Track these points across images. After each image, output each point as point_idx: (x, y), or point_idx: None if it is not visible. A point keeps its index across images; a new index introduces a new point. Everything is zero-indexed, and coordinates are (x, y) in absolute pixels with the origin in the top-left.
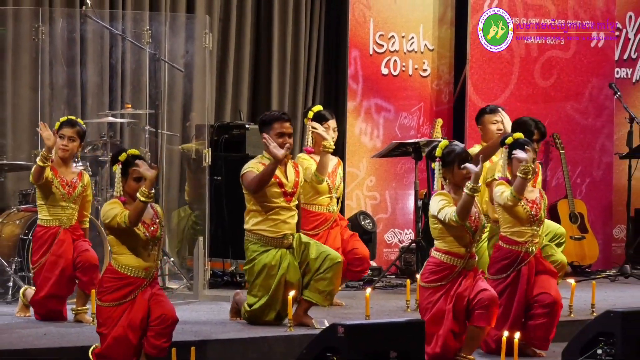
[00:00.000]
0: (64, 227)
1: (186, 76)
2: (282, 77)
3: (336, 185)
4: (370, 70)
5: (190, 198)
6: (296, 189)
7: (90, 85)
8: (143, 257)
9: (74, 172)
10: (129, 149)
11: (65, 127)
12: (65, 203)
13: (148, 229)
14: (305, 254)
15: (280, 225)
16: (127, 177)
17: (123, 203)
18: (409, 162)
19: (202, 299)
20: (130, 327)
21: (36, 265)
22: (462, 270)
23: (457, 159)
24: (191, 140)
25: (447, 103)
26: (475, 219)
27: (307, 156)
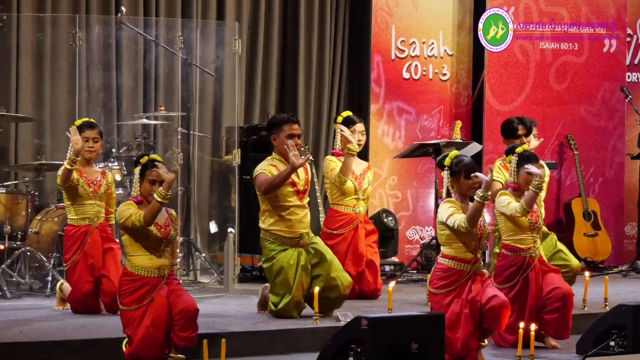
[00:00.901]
0: (94, 225)
1: (216, 80)
2: (307, 81)
3: (363, 187)
4: (392, 75)
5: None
6: (308, 186)
7: (125, 88)
8: (155, 257)
9: (97, 171)
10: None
11: (87, 130)
12: (92, 201)
13: (160, 230)
14: (319, 267)
15: (296, 225)
16: (143, 179)
17: (138, 203)
18: (429, 162)
19: (232, 292)
20: (153, 326)
21: (68, 263)
22: (470, 275)
23: (464, 170)
24: (221, 143)
25: (465, 106)
26: (480, 227)
27: (334, 158)
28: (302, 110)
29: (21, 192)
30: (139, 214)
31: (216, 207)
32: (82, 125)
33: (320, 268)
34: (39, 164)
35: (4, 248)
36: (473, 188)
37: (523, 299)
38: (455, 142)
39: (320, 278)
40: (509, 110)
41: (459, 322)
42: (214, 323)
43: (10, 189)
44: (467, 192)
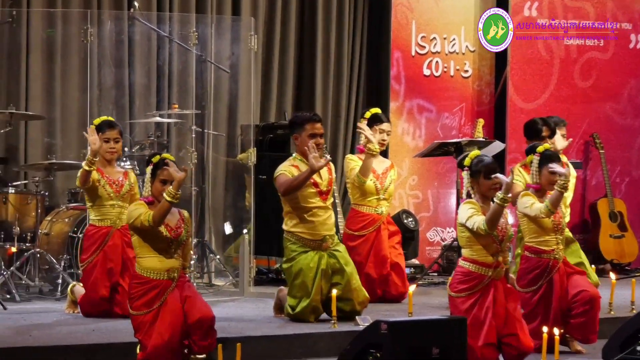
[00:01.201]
0: (116, 227)
1: (232, 77)
2: (325, 78)
3: (385, 186)
4: (412, 71)
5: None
6: (331, 186)
7: (137, 86)
8: (165, 259)
9: (120, 171)
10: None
11: (109, 130)
12: (113, 202)
13: (170, 231)
14: (338, 275)
15: (319, 227)
16: (155, 179)
17: (149, 203)
18: (450, 161)
19: (248, 295)
20: (167, 333)
21: (85, 264)
22: (492, 281)
23: (484, 170)
24: (237, 142)
25: (488, 103)
26: (502, 229)
27: (355, 157)
28: (320, 108)
29: (31, 192)
30: (148, 213)
31: (231, 208)
32: (101, 124)
33: (340, 277)
34: (49, 164)
35: (13, 250)
36: (493, 189)
37: (547, 303)
38: (477, 140)
39: (338, 287)
40: (532, 108)
41: (481, 330)
42: (228, 327)
43: (20, 189)
44: (487, 192)
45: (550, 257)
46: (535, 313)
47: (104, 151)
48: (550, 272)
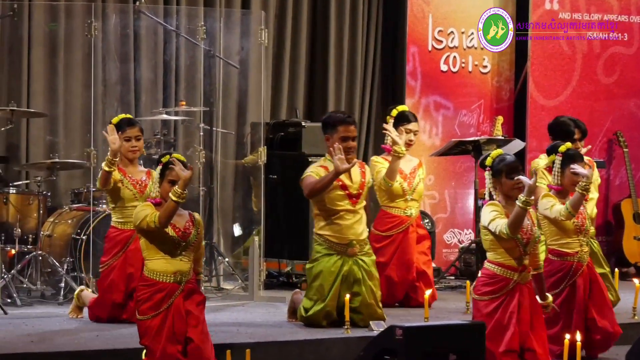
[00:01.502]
0: None
1: (241, 73)
2: (338, 74)
3: (413, 187)
4: (429, 67)
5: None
6: (362, 190)
7: (143, 82)
8: (173, 261)
9: (142, 170)
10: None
11: (129, 128)
12: (137, 203)
13: (178, 232)
14: (359, 285)
15: (345, 231)
16: (163, 179)
17: (156, 205)
18: (468, 160)
19: (258, 300)
20: (172, 342)
21: (104, 266)
22: (517, 285)
23: (505, 169)
24: (246, 140)
25: (507, 100)
26: (527, 231)
27: (380, 159)
28: (332, 105)
29: (33, 192)
30: (154, 214)
31: (240, 209)
32: (121, 123)
33: (359, 288)
34: (52, 163)
35: (14, 252)
36: (516, 188)
37: (570, 307)
38: (496, 139)
39: (357, 298)
40: (553, 105)
41: (504, 335)
42: (237, 332)
43: (21, 189)
44: (509, 192)
45: (573, 260)
46: (557, 317)
47: (126, 150)
48: (574, 275)
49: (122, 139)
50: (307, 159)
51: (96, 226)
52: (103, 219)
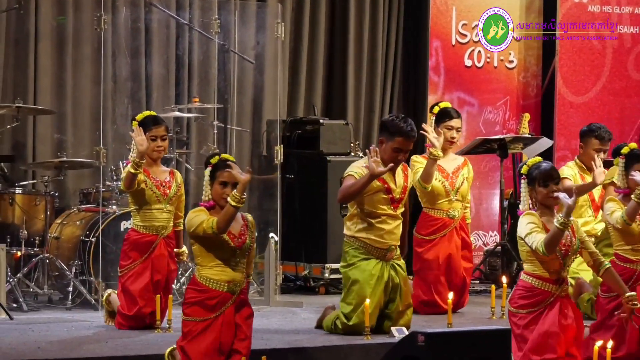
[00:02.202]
0: (161, 236)
1: (257, 68)
2: (358, 69)
3: (456, 187)
4: (452, 62)
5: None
6: (404, 194)
7: (155, 77)
8: (228, 269)
9: (165, 170)
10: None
11: (155, 127)
12: (161, 205)
13: (234, 239)
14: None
15: (387, 236)
16: (214, 181)
17: (209, 209)
18: (493, 159)
19: (274, 305)
20: (219, 351)
21: (125, 270)
22: (557, 298)
23: (540, 176)
24: (262, 138)
25: (534, 97)
26: (566, 243)
27: (421, 158)
28: (352, 101)
29: (40, 192)
30: (211, 220)
31: (256, 210)
32: (146, 121)
33: (395, 293)
34: (60, 162)
35: (20, 255)
36: (551, 197)
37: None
38: (522, 137)
39: (392, 304)
40: (582, 101)
41: (548, 346)
42: (253, 339)
43: (28, 189)
44: (544, 201)
45: (636, 268)
46: (609, 325)
47: (151, 150)
48: (635, 282)
49: (148, 138)
50: (325, 158)
51: (106, 228)
52: (113, 221)
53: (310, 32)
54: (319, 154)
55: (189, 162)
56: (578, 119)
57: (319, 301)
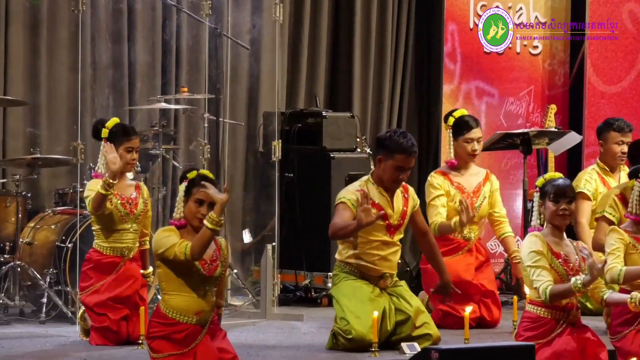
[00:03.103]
0: (126, 257)
1: (252, 55)
2: (365, 56)
3: (475, 208)
4: (470, 48)
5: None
6: (403, 220)
7: (139, 65)
8: (197, 299)
9: (131, 184)
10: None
11: (134, 137)
12: (127, 225)
13: (206, 266)
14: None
15: (380, 263)
16: (189, 198)
17: (179, 228)
18: (516, 156)
19: (271, 318)
20: None
21: (84, 293)
22: (568, 327)
23: (552, 190)
24: (258, 132)
25: (561, 86)
26: (574, 266)
27: (440, 178)
28: (359, 92)
29: (10, 193)
30: (184, 245)
31: (251, 212)
32: (120, 131)
33: (403, 315)
34: (33, 159)
35: None
36: (560, 215)
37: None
38: (548, 131)
39: (404, 326)
40: (615, 91)
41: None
42: (248, 356)
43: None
44: (552, 218)
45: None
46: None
47: (125, 164)
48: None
49: (121, 150)
50: (329, 155)
51: (84, 232)
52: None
53: (312, 14)
54: (322, 150)
55: (176, 159)
56: (610, 111)
57: (322, 314)
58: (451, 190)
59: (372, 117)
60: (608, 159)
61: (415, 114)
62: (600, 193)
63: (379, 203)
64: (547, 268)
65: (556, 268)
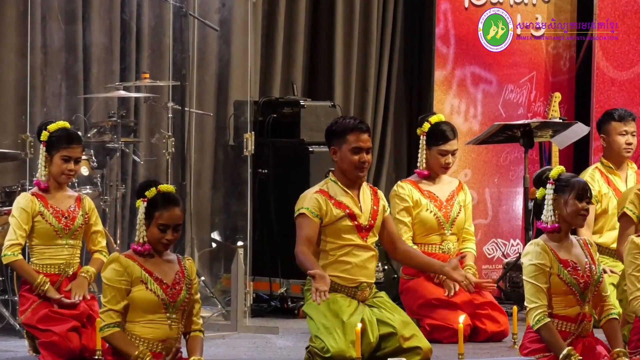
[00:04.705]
0: (65, 275)
1: (222, 37)
2: (348, 38)
3: (451, 218)
4: (465, 30)
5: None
6: (374, 221)
7: (95, 48)
8: (161, 326)
9: (71, 195)
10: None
11: (74, 146)
12: (62, 241)
13: (167, 290)
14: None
15: (354, 271)
16: (151, 222)
17: (140, 254)
18: (516, 150)
19: (243, 331)
20: None
21: (23, 317)
22: (577, 338)
23: (578, 188)
24: (228, 124)
25: (567, 72)
26: (583, 274)
27: (408, 186)
28: (341, 79)
29: None
30: (113, 313)
31: (221, 213)
32: (57, 135)
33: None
34: None
35: None
36: (581, 215)
37: None
38: (552, 122)
39: (393, 337)
40: (627, 77)
41: None
42: None
43: None
44: (571, 217)
45: None
46: None
47: (59, 173)
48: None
49: (57, 158)
50: (307, 148)
51: None
52: None
53: None
54: (299, 144)
55: (136, 153)
56: (621, 100)
57: (299, 326)
58: (421, 200)
59: (356, 107)
60: (612, 154)
61: (405, 102)
62: (604, 194)
63: (342, 202)
64: (543, 289)
65: (565, 278)
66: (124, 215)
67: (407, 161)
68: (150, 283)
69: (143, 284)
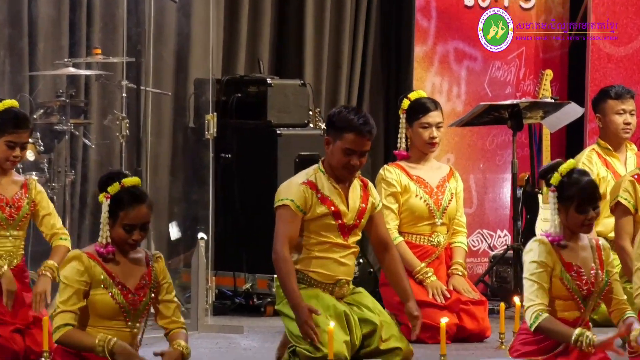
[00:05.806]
0: (9, 266)
1: (181, 9)
2: (319, 10)
3: (442, 206)
4: (447, 1)
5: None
6: (360, 220)
7: (42, 21)
8: (117, 333)
9: (17, 181)
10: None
11: (17, 131)
12: (5, 232)
13: (127, 296)
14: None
15: (333, 267)
16: (115, 221)
17: (103, 257)
18: (503, 132)
19: (204, 330)
20: None
21: None
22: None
23: (578, 199)
24: (188, 104)
25: (559, 48)
26: (587, 280)
27: (394, 170)
28: (311, 54)
29: None
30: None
31: (180, 202)
32: (3, 119)
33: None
34: None
35: None
36: (586, 226)
37: None
38: (543, 102)
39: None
40: (625, 53)
41: None
42: None
43: None
44: (576, 228)
45: None
46: None
47: (3, 159)
48: None
49: (1, 143)
50: (275, 131)
51: None
52: None
53: None
54: (266, 126)
55: (87, 136)
56: (618, 77)
57: (266, 324)
58: (410, 185)
59: (328, 86)
60: (610, 134)
61: (382, 81)
62: (603, 178)
63: (330, 198)
64: (544, 287)
65: (566, 283)
66: (73, 204)
67: (384, 145)
68: (111, 287)
69: (104, 287)
